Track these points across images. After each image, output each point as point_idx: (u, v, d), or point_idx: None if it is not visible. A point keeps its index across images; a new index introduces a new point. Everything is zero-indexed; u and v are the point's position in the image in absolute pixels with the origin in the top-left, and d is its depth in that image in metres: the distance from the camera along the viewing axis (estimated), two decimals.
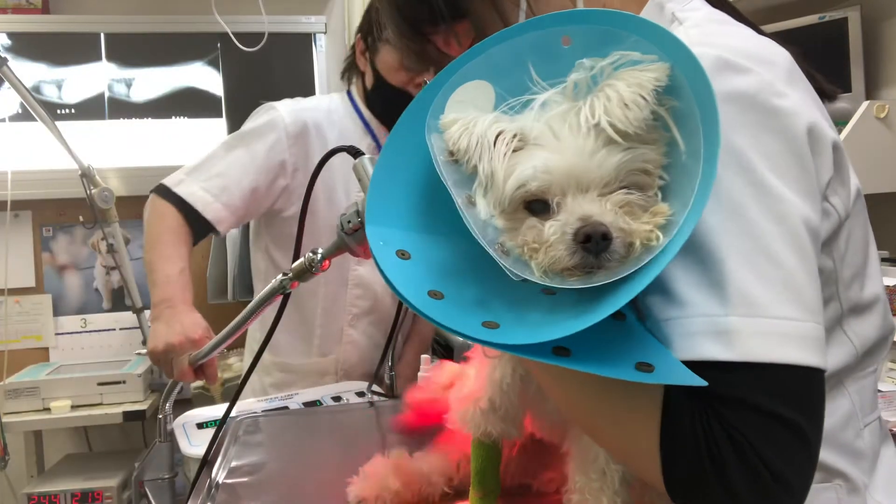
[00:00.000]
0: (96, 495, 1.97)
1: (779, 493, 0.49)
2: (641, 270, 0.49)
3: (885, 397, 1.29)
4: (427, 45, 0.80)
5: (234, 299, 2.30)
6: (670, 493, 0.52)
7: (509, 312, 0.54)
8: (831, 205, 0.61)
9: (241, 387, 0.99)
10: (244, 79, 2.57)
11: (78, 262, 2.46)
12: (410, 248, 0.57)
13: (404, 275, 0.55)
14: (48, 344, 2.43)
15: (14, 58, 2.40)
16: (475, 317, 0.53)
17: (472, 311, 0.54)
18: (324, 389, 1.48)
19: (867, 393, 0.68)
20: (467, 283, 0.56)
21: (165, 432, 1.11)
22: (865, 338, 0.66)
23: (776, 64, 0.59)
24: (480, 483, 0.77)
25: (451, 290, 0.55)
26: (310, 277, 0.86)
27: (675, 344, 0.53)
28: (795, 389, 0.51)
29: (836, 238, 0.62)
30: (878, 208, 1.74)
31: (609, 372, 0.49)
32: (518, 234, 0.53)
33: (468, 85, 0.57)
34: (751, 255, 0.52)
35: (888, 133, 1.51)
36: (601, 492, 0.65)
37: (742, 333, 0.51)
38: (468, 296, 0.55)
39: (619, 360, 0.50)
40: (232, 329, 0.98)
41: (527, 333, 0.50)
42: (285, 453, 1.08)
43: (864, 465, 0.66)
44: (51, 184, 2.35)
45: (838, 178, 0.61)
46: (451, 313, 0.53)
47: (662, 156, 0.52)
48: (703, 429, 0.50)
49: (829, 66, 1.76)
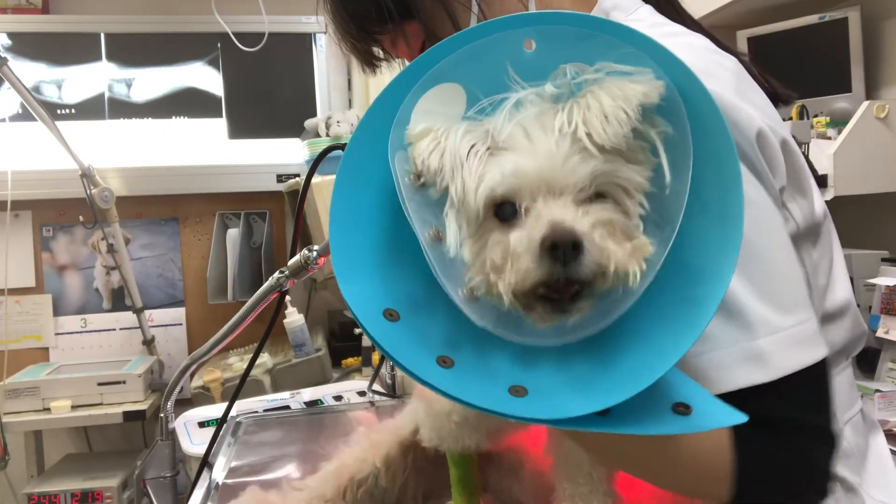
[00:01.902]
0: (96, 495, 1.97)
1: (826, 485, 0.56)
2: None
3: (885, 397, 1.29)
4: (373, 45, 0.77)
5: (234, 299, 2.30)
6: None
7: (525, 372, 0.48)
8: (789, 211, 0.62)
9: (241, 386, 0.99)
10: (244, 79, 2.57)
11: (78, 262, 2.46)
12: (396, 304, 0.49)
13: (402, 342, 0.47)
14: (48, 344, 2.43)
15: (14, 58, 2.40)
16: (493, 383, 0.47)
17: (485, 375, 0.48)
18: (325, 389, 1.48)
19: (844, 389, 0.69)
20: (469, 339, 0.49)
21: (167, 431, 1.11)
22: (833, 342, 0.68)
23: (721, 76, 0.60)
24: (464, 487, 0.77)
25: (458, 353, 0.49)
26: (305, 275, 0.87)
27: (711, 378, 0.54)
28: (816, 388, 0.56)
29: (798, 246, 0.63)
30: (878, 208, 1.75)
31: (653, 429, 0.45)
32: (484, 256, 0.47)
33: (435, 90, 0.49)
34: (754, 275, 0.54)
35: (888, 133, 1.51)
36: (592, 495, 0.65)
37: (772, 353, 0.53)
38: (478, 362, 0.49)
39: (655, 406, 0.46)
40: (231, 326, 0.99)
41: (562, 401, 0.45)
42: (286, 453, 1.08)
43: (851, 463, 0.67)
44: (51, 184, 2.35)
45: (793, 185, 0.62)
46: (466, 382, 0.47)
47: (647, 180, 0.47)
48: (773, 457, 0.54)
49: (829, 66, 1.76)
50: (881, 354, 1.50)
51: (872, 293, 1.54)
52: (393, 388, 1.39)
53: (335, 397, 1.43)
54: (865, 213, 1.76)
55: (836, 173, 1.48)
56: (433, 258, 0.47)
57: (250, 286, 2.35)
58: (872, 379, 1.50)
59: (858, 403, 0.71)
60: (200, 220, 2.52)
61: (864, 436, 0.71)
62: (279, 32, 2.49)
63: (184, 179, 2.46)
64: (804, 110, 1.62)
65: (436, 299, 0.49)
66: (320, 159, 0.91)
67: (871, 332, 1.52)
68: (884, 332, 1.49)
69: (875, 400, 1.29)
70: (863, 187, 1.50)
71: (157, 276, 2.50)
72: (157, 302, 2.49)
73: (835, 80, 1.75)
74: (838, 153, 1.48)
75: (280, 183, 2.46)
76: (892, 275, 1.50)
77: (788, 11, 1.84)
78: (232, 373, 1.88)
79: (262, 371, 1.82)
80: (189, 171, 2.47)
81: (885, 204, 1.68)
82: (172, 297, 2.51)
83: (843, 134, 1.50)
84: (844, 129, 1.52)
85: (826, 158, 1.50)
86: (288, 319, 1.90)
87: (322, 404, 1.41)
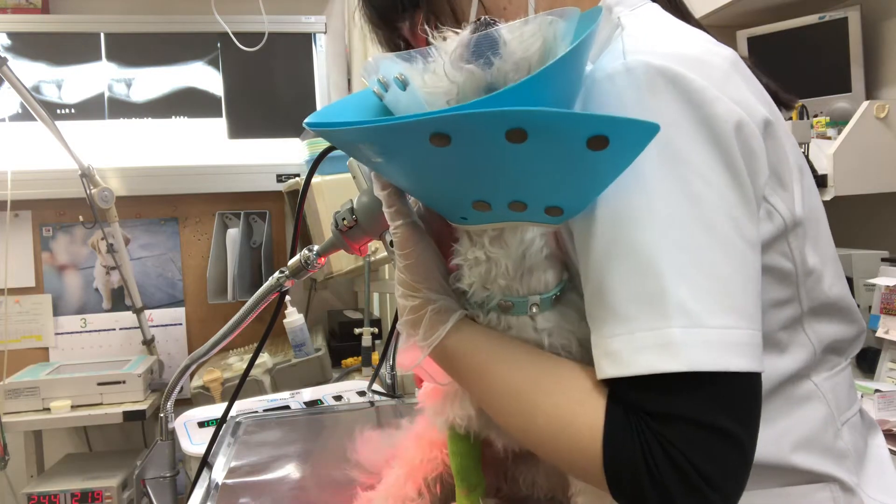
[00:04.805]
0: (96, 495, 1.97)
1: (711, 496, 0.51)
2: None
3: (885, 397, 1.29)
4: (394, 33, 0.80)
5: (234, 299, 2.30)
6: (616, 499, 0.55)
7: None
8: (772, 205, 0.61)
9: (241, 386, 0.99)
10: (244, 79, 2.57)
11: (78, 262, 2.46)
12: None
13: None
14: (48, 344, 2.43)
15: (14, 58, 2.40)
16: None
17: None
18: (324, 389, 1.48)
19: (842, 390, 0.69)
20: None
21: (167, 431, 1.11)
22: (825, 336, 0.67)
23: (713, 66, 0.60)
24: (464, 480, 0.77)
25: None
26: (305, 275, 0.87)
27: (624, 359, 0.54)
28: (734, 397, 0.53)
29: (787, 238, 0.63)
30: (878, 208, 1.75)
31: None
32: None
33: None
34: (685, 268, 0.54)
35: (888, 133, 1.51)
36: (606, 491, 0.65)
37: (684, 344, 0.52)
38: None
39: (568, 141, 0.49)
40: (231, 326, 0.99)
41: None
42: (286, 453, 1.08)
43: (849, 464, 0.66)
44: (51, 184, 2.35)
45: (774, 176, 0.61)
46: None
47: None
48: (642, 448, 0.52)
49: (829, 66, 1.76)
50: (881, 354, 1.50)
51: (872, 293, 1.54)
52: (393, 388, 1.39)
53: (335, 397, 1.43)
54: (865, 213, 1.76)
55: (835, 173, 1.48)
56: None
57: (250, 286, 2.35)
58: (872, 379, 1.50)
59: (857, 404, 0.71)
60: (200, 220, 2.52)
61: (862, 436, 0.71)
62: (279, 32, 2.50)
63: (183, 179, 2.46)
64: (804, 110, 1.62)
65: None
66: (320, 159, 0.91)
67: (871, 332, 1.52)
68: (884, 332, 1.49)
69: (875, 400, 1.29)
70: (862, 187, 1.50)
71: (156, 276, 2.51)
72: (156, 302, 2.49)
73: (835, 80, 1.75)
74: (838, 153, 1.48)
75: (280, 183, 2.47)
76: (892, 275, 1.50)
77: (788, 11, 1.84)
78: (232, 373, 1.88)
79: (261, 371, 1.82)
80: (189, 171, 2.47)
81: (885, 204, 1.68)
82: (172, 297, 2.51)
83: (843, 134, 1.50)
84: (844, 129, 1.52)
85: (826, 158, 1.50)
86: (288, 319, 1.90)
87: (322, 404, 1.41)
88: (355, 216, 0.80)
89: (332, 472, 0.95)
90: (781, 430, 0.64)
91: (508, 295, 0.63)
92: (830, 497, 0.65)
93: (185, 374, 1.08)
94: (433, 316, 0.64)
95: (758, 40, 1.87)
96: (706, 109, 0.56)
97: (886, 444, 0.74)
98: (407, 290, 0.65)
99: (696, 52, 0.60)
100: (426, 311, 0.64)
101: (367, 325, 1.75)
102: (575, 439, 0.56)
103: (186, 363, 1.08)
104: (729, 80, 0.59)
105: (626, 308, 0.54)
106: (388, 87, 0.59)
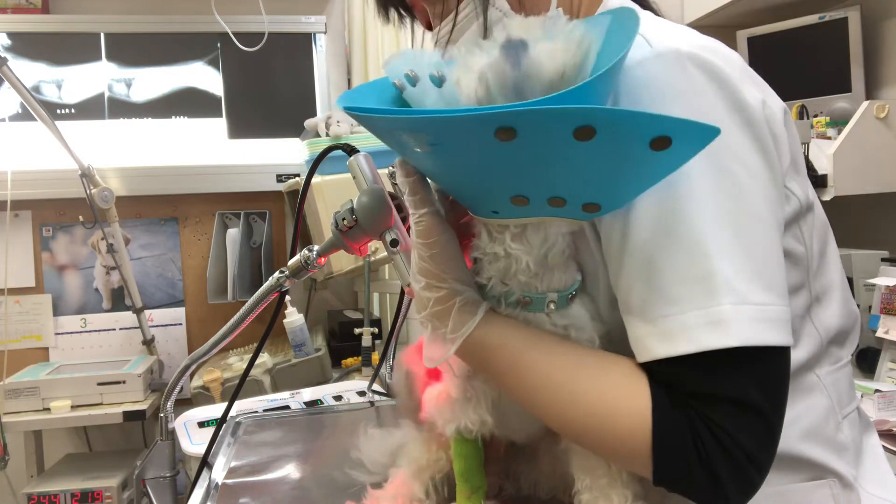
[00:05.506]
0: (96, 495, 1.97)
1: (752, 473, 0.53)
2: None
3: (885, 397, 1.29)
4: (407, 11, 0.81)
5: (234, 299, 2.30)
6: (657, 484, 0.56)
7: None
8: (790, 189, 0.64)
9: (241, 386, 0.99)
10: (244, 79, 2.57)
11: (78, 262, 2.46)
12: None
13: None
14: (48, 344, 2.43)
15: (14, 58, 2.40)
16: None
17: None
18: (324, 389, 1.48)
19: (843, 386, 0.70)
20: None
21: (167, 431, 1.11)
22: (828, 326, 0.69)
23: (731, 57, 0.62)
24: (467, 482, 0.76)
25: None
26: (305, 275, 0.87)
27: (677, 338, 0.55)
28: (769, 374, 0.55)
29: (800, 223, 0.65)
30: (877, 208, 1.75)
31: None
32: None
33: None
34: (729, 247, 0.55)
35: (888, 133, 1.51)
36: (610, 487, 0.65)
37: (735, 320, 0.54)
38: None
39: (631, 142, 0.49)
40: (231, 326, 0.99)
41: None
42: (286, 453, 1.08)
43: (849, 457, 0.68)
44: (51, 184, 2.35)
45: (793, 164, 0.64)
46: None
47: None
48: (692, 432, 0.54)
49: (829, 65, 1.76)
50: (881, 354, 1.50)
51: (872, 293, 1.54)
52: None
53: (335, 397, 1.43)
54: (865, 213, 1.76)
55: (835, 173, 1.48)
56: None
57: (250, 286, 2.35)
58: (872, 379, 1.50)
59: (856, 401, 0.72)
60: (200, 220, 2.52)
61: (860, 432, 0.72)
62: (279, 32, 2.50)
63: (183, 179, 2.46)
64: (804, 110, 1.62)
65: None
66: (320, 159, 0.91)
67: (871, 332, 1.52)
68: (884, 332, 1.49)
69: (875, 400, 1.29)
70: (862, 187, 1.50)
71: (156, 276, 2.51)
72: (156, 302, 2.49)
73: (835, 80, 1.75)
74: (838, 153, 1.49)
75: (280, 183, 2.47)
76: (892, 275, 1.50)
77: (788, 11, 1.85)
78: (232, 373, 1.88)
79: (261, 371, 1.82)
80: (189, 171, 2.47)
81: (885, 204, 1.68)
82: (172, 297, 2.51)
83: (843, 134, 1.50)
84: (844, 129, 1.52)
85: (826, 158, 1.50)
86: (288, 319, 1.90)
87: (322, 404, 1.41)
88: (355, 216, 0.80)
89: (332, 472, 0.95)
90: (789, 419, 0.64)
91: (527, 291, 0.63)
92: (830, 494, 0.65)
93: (185, 374, 1.08)
94: (462, 307, 0.62)
95: (758, 40, 1.88)
96: (738, 95, 0.58)
97: (882, 443, 0.75)
98: (432, 280, 0.63)
99: (713, 45, 0.62)
100: (453, 302, 0.62)
101: (367, 325, 1.75)
102: (621, 425, 0.56)
103: (186, 363, 1.08)
104: (745, 71, 0.62)
105: (676, 289, 0.56)
106: (418, 81, 0.57)
